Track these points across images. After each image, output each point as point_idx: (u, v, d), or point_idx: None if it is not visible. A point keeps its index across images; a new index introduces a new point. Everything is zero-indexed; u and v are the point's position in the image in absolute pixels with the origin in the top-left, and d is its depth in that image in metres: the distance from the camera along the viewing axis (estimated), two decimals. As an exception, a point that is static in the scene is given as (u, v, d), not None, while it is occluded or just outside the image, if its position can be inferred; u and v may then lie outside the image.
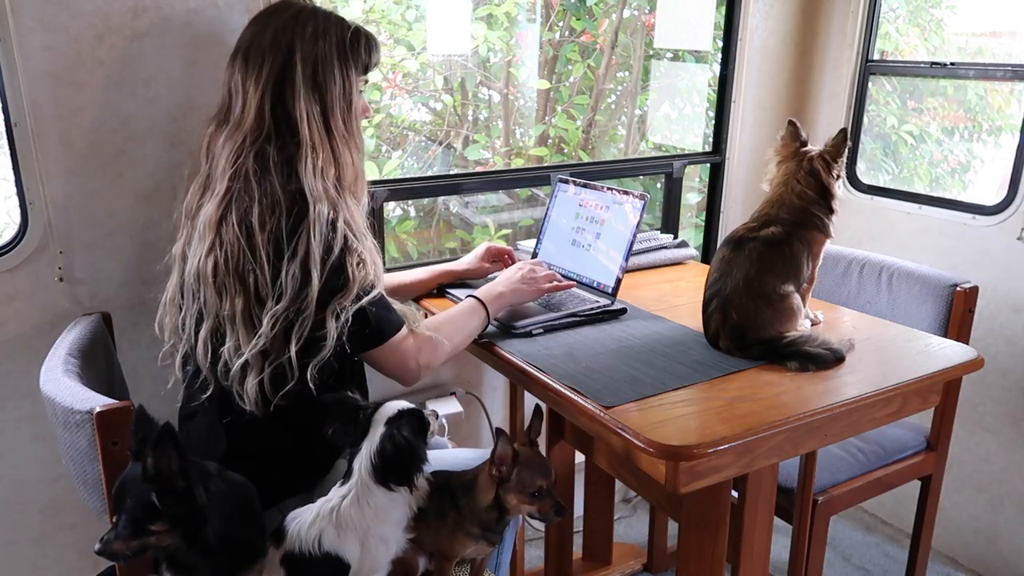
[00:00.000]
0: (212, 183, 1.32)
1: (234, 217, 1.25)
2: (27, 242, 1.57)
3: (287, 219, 1.24)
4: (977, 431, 2.28)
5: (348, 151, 1.35)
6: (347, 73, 1.34)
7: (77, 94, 1.54)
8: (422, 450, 1.20)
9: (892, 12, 2.77)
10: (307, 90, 1.30)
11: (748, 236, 1.53)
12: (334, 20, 1.35)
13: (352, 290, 1.27)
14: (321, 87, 1.31)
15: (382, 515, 1.19)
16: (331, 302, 1.26)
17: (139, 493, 1.06)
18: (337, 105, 1.33)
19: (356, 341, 1.30)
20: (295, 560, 1.16)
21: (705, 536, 1.44)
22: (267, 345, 1.24)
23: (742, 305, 1.48)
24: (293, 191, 1.26)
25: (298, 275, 1.23)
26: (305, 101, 1.30)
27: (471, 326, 1.54)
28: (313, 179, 1.28)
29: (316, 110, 1.31)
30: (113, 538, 1.06)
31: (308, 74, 1.30)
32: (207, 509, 1.10)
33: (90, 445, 1.15)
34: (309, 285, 1.23)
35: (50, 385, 1.24)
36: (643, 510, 2.58)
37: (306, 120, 1.30)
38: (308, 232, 1.24)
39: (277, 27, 1.31)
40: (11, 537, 1.71)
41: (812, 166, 1.55)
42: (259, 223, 1.24)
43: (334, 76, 1.32)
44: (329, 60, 1.32)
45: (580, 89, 3.53)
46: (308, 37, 1.30)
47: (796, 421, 1.26)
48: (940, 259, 2.28)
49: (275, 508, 1.34)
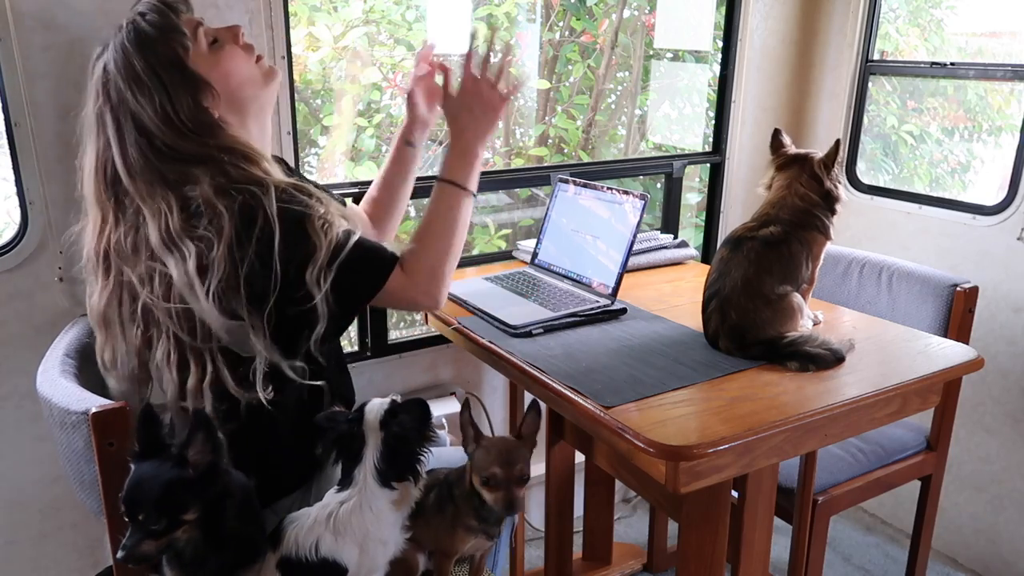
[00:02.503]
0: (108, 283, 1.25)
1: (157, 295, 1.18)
2: (27, 242, 1.57)
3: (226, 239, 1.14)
4: (977, 431, 2.28)
5: (217, 150, 1.20)
6: (148, 92, 1.18)
7: (77, 94, 1.53)
8: (427, 431, 1.19)
9: (892, 12, 2.77)
10: (132, 154, 1.19)
11: (747, 236, 1.53)
12: (121, 49, 1.20)
13: (321, 250, 1.16)
14: (144, 136, 1.19)
15: (382, 518, 1.18)
16: (306, 272, 1.16)
17: (169, 485, 1.05)
18: (169, 129, 1.19)
19: (350, 298, 1.22)
20: (291, 564, 1.15)
21: (705, 536, 1.44)
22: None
23: (741, 305, 1.48)
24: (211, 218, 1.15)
25: (262, 274, 1.14)
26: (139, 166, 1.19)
27: (459, 215, 1.33)
28: (216, 194, 1.15)
29: (154, 157, 1.19)
30: (138, 541, 1.04)
31: (124, 141, 1.19)
32: (231, 496, 1.10)
33: (86, 446, 1.15)
34: (272, 274, 1.14)
35: (46, 386, 1.24)
36: (643, 510, 2.58)
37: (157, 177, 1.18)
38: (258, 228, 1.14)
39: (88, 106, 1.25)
40: (11, 537, 1.71)
41: (814, 170, 1.56)
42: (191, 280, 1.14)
43: (141, 109, 1.18)
44: (126, 103, 1.19)
45: (580, 89, 3.53)
46: (101, 102, 1.21)
47: (796, 421, 1.26)
48: (940, 259, 2.28)
49: (268, 509, 1.33)
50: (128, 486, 1.06)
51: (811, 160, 1.57)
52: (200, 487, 1.08)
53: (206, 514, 1.08)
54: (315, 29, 2.90)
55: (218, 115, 1.25)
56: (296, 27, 2.79)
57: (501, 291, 1.84)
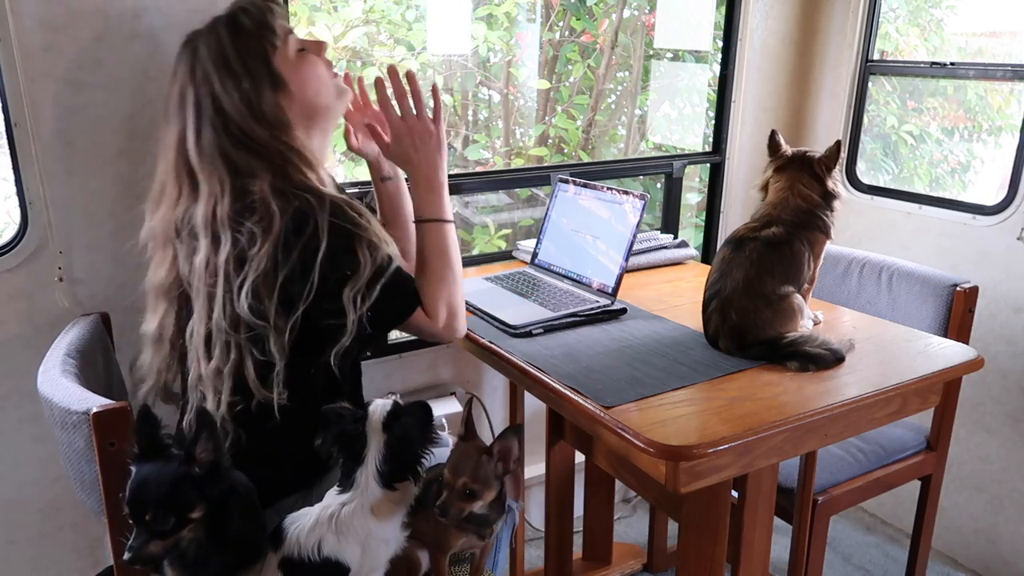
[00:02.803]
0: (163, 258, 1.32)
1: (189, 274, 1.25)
2: (27, 242, 1.57)
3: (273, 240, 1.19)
4: (977, 431, 2.28)
5: (283, 148, 1.27)
6: (237, 79, 1.26)
7: (77, 94, 1.54)
8: (429, 433, 1.19)
9: (892, 12, 2.77)
10: (205, 133, 1.25)
11: (749, 236, 1.53)
12: (206, 36, 1.28)
13: (365, 272, 1.22)
14: (221, 117, 1.25)
15: (384, 517, 1.18)
16: (345, 288, 1.21)
17: (176, 483, 1.05)
18: (247, 117, 1.26)
19: (382, 320, 1.27)
20: (293, 564, 1.15)
21: (705, 536, 1.44)
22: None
23: (741, 306, 1.48)
24: (261, 216, 1.20)
25: (300, 280, 1.20)
26: (209, 145, 1.25)
27: (446, 244, 1.39)
28: (272, 195, 1.21)
29: (226, 140, 1.25)
30: (145, 541, 1.03)
31: (202, 120, 1.25)
32: (236, 493, 1.10)
33: (87, 446, 1.15)
34: (309, 283, 1.20)
35: (47, 386, 1.24)
36: (643, 510, 2.58)
37: (221, 159, 1.24)
38: (306, 235, 1.20)
39: (169, 91, 1.30)
40: (11, 537, 1.71)
41: (815, 170, 1.56)
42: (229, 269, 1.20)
43: (226, 93, 1.25)
44: (212, 85, 1.25)
45: (580, 89, 3.53)
46: (189, 83, 1.26)
47: (796, 421, 1.26)
48: (940, 259, 2.28)
49: (271, 509, 1.33)
50: (132, 487, 1.05)
51: (812, 160, 1.57)
52: (206, 485, 1.08)
53: (211, 513, 1.08)
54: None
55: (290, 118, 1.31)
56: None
57: (501, 291, 1.84)
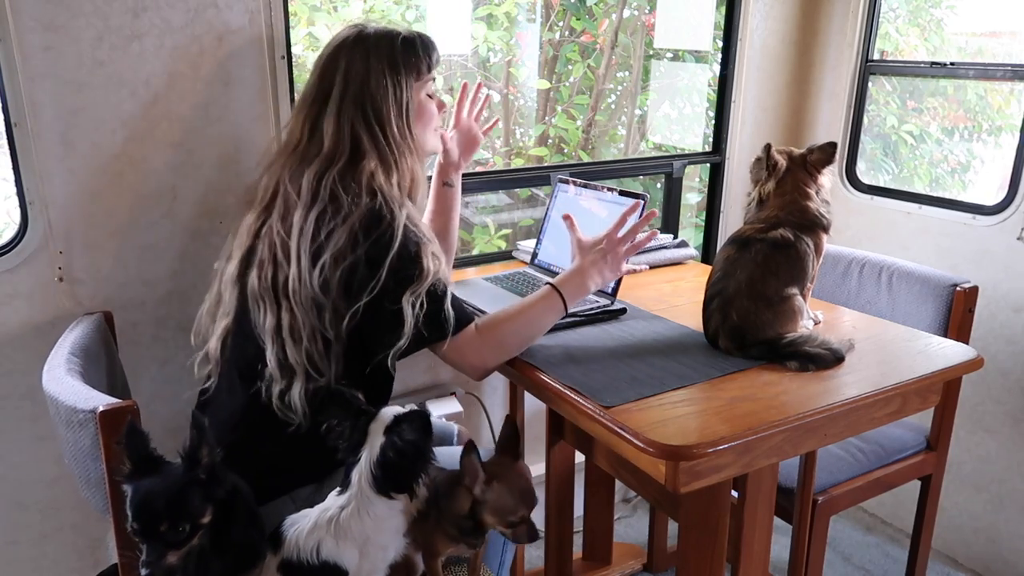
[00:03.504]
0: (261, 201, 1.39)
1: (281, 224, 1.32)
2: (27, 242, 1.57)
3: (355, 221, 1.28)
4: (977, 431, 2.28)
5: (405, 156, 1.39)
6: (398, 80, 1.38)
7: (77, 94, 1.54)
8: (427, 453, 1.17)
9: (892, 12, 2.77)
10: (351, 107, 1.35)
11: (756, 237, 1.51)
12: (385, 35, 1.40)
13: (426, 280, 1.30)
14: (370, 100, 1.36)
15: (381, 524, 1.18)
16: (407, 291, 1.28)
17: (186, 490, 1.05)
18: (391, 110, 1.37)
19: (435, 328, 1.33)
20: (292, 567, 1.15)
21: (705, 536, 1.44)
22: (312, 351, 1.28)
23: (742, 306, 1.48)
24: (355, 195, 1.30)
25: (360, 275, 1.27)
26: (347, 117, 1.35)
27: (545, 320, 1.46)
28: (374, 183, 1.32)
29: (365, 118, 1.35)
30: (160, 554, 1.03)
31: (352, 92, 1.36)
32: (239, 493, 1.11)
33: (93, 444, 1.15)
34: (372, 283, 1.27)
35: (53, 384, 1.24)
36: (643, 510, 2.58)
37: (350, 133, 1.35)
38: (380, 230, 1.28)
39: (327, 58, 1.39)
40: (11, 537, 1.72)
41: (808, 169, 1.56)
42: (308, 228, 1.29)
43: (384, 87, 1.37)
44: (377, 73, 1.36)
45: (580, 89, 3.53)
46: (356, 59, 1.37)
47: (796, 421, 1.26)
48: (940, 259, 2.28)
49: (287, 496, 1.33)
50: (138, 503, 1.04)
51: (808, 160, 1.56)
52: (211, 488, 1.08)
53: (216, 517, 1.08)
54: (315, 29, 2.90)
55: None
56: (296, 27, 2.79)
57: (501, 291, 1.84)
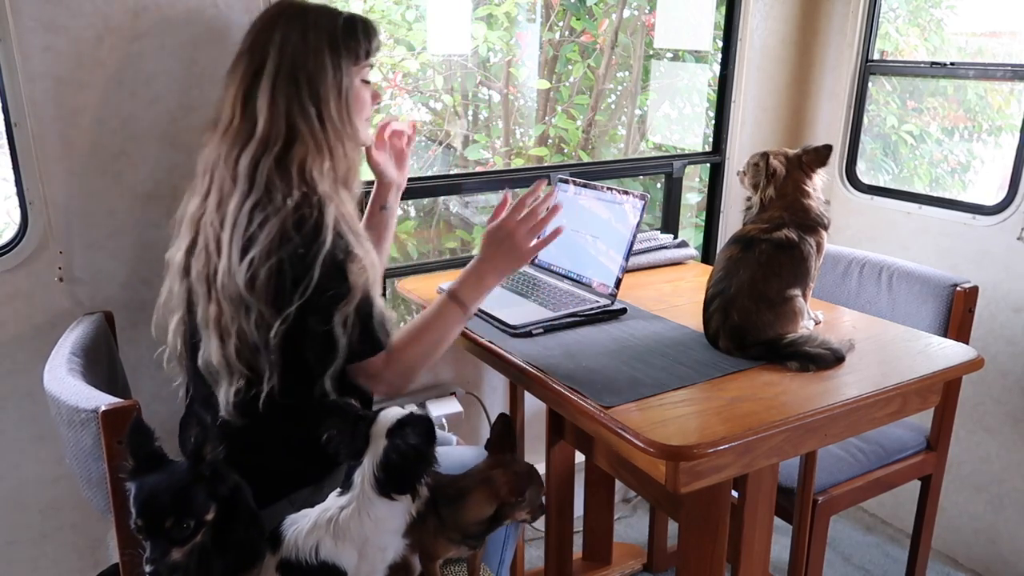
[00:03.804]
0: (201, 187, 1.33)
1: (216, 213, 1.26)
2: (27, 242, 1.57)
3: (286, 216, 1.22)
4: (977, 431, 2.28)
5: (341, 142, 1.33)
6: (338, 62, 1.32)
7: (77, 94, 1.54)
8: (429, 456, 1.17)
9: (892, 12, 2.77)
10: (286, 84, 1.28)
11: (760, 237, 1.51)
12: (326, 12, 1.34)
13: (355, 297, 1.25)
14: (307, 80, 1.29)
15: (382, 525, 1.17)
16: (336, 310, 1.23)
17: (191, 486, 1.05)
18: (329, 94, 1.31)
19: (353, 350, 1.28)
20: (291, 567, 1.15)
21: (705, 536, 1.44)
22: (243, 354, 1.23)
23: (744, 307, 1.47)
24: (289, 187, 1.25)
25: (288, 279, 1.21)
26: (283, 96, 1.28)
27: (446, 330, 1.39)
28: (308, 173, 1.27)
29: (301, 100, 1.29)
30: (165, 551, 1.03)
31: (286, 68, 1.29)
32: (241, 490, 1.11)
33: (95, 444, 1.15)
34: (300, 289, 1.21)
35: (55, 384, 1.24)
36: (643, 510, 2.58)
37: (285, 114, 1.28)
38: (309, 230, 1.22)
39: (260, 28, 1.33)
40: (11, 537, 1.71)
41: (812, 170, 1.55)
42: (241, 219, 1.23)
43: (324, 67, 1.30)
44: (317, 52, 1.30)
45: (580, 89, 3.53)
46: (293, 33, 1.30)
47: (796, 421, 1.26)
48: (940, 259, 2.28)
49: (285, 500, 1.33)
50: (142, 500, 1.04)
51: (803, 160, 1.56)
52: (214, 485, 1.08)
53: (218, 514, 1.08)
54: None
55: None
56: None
57: (501, 291, 1.84)
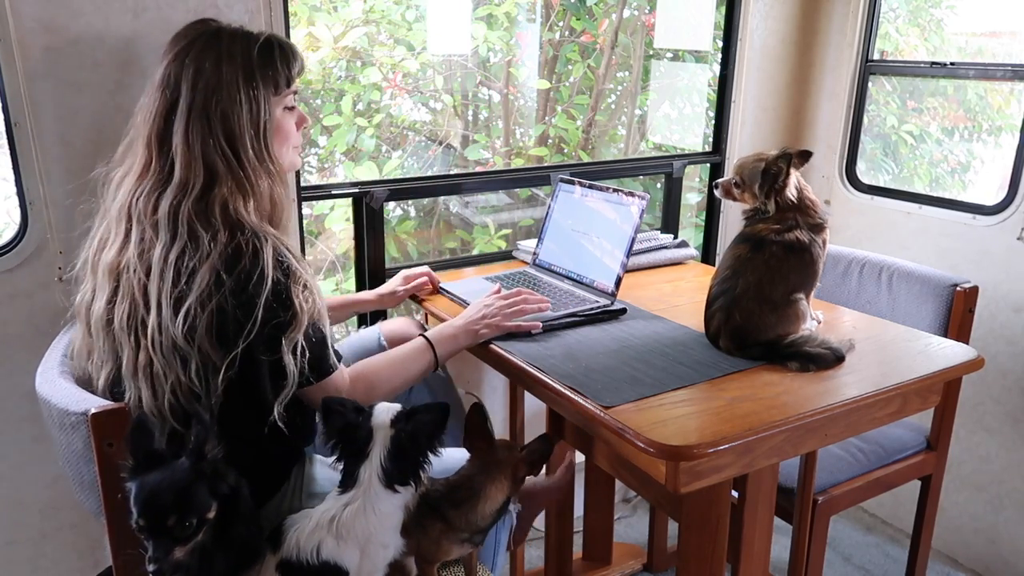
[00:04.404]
0: (117, 233, 1.26)
1: (139, 262, 1.21)
2: (27, 242, 1.57)
3: (216, 258, 1.18)
4: (977, 431, 2.28)
5: (263, 178, 1.27)
6: (254, 95, 1.25)
7: (77, 94, 1.54)
8: (439, 435, 1.19)
9: (892, 12, 2.77)
10: (199, 123, 1.22)
11: (771, 238, 1.49)
12: (240, 39, 1.27)
13: (301, 323, 1.22)
14: (221, 117, 1.23)
15: (385, 521, 1.18)
16: (283, 339, 1.21)
17: (193, 484, 1.05)
18: (245, 132, 1.25)
19: (304, 376, 1.25)
20: (291, 567, 1.15)
21: (705, 536, 1.44)
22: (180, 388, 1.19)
23: (747, 308, 1.47)
24: (214, 230, 1.19)
25: (231, 320, 1.18)
26: (198, 136, 1.22)
27: (414, 369, 1.45)
28: (233, 214, 1.21)
29: (217, 140, 1.23)
30: (168, 549, 1.02)
31: (199, 106, 1.22)
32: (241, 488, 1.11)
33: (86, 447, 1.14)
34: (246, 329, 1.18)
35: (46, 386, 1.24)
36: (643, 510, 2.58)
37: (201, 155, 1.22)
38: (246, 268, 1.18)
39: (172, 59, 1.25)
40: (11, 537, 1.72)
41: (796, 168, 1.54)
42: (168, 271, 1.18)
43: (237, 102, 1.23)
44: (229, 86, 1.23)
45: (580, 89, 3.53)
46: (205, 65, 1.23)
47: (796, 421, 1.26)
48: (940, 259, 2.28)
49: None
50: (143, 498, 1.04)
51: (793, 160, 1.53)
52: (215, 483, 1.08)
53: (219, 513, 1.08)
54: (315, 29, 2.91)
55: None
56: (296, 27, 2.79)
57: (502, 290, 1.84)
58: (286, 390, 1.23)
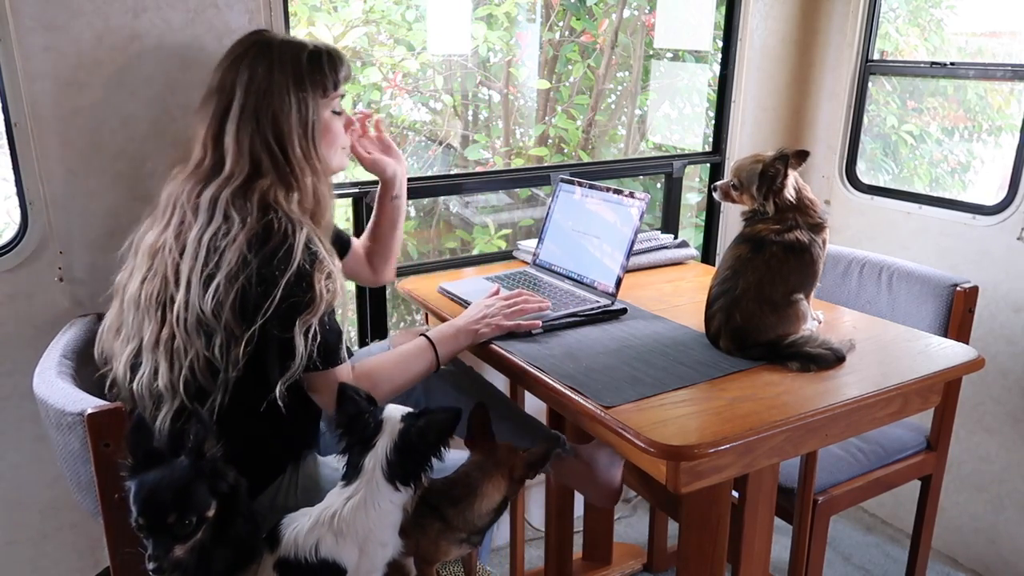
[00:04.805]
0: (162, 219, 1.32)
1: (175, 243, 1.27)
2: (27, 242, 1.57)
3: (244, 237, 1.23)
4: (977, 431, 2.28)
5: (308, 175, 1.34)
6: (303, 97, 1.32)
7: (77, 94, 1.54)
8: (445, 438, 1.19)
9: (892, 12, 2.77)
10: (250, 122, 1.29)
11: (771, 239, 1.49)
12: (291, 47, 1.34)
13: (319, 308, 1.25)
14: (271, 117, 1.30)
15: (385, 519, 1.17)
16: (297, 319, 1.24)
17: (193, 482, 1.05)
18: (294, 130, 1.31)
19: (313, 361, 1.28)
20: (289, 566, 1.14)
21: (705, 536, 1.44)
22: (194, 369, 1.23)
23: (748, 309, 1.47)
24: (245, 212, 1.25)
25: (252, 297, 1.22)
26: (247, 134, 1.29)
27: (416, 368, 1.46)
28: (268, 198, 1.27)
29: (265, 138, 1.30)
30: (168, 547, 1.02)
31: (251, 107, 1.30)
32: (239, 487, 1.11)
33: (82, 447, 1.14)
34: (271, 299, 1.21)
35: (43, 387, 1.24)
36: (643, 510, 2.58)
37: (249, 151, 1.29)
38: (272, 246, 1.22)
39: (227, 66, 1.34)
40: (11, 537, 1.71)
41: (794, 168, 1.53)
42: (200, 250, 1.23)
43: (287, 103, 1.31)
44: (280, 89, 1.31)
45: (580, 89, 3.53)
46: (258, 71, 1.31)
47: (796, 421, 1.26)
48: (940, 259, 2.28)
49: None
50: (143, 497, 1.04)
51: (790, 160, 1.53)
52: (215, 482, 1.08)
53: (218, 511, 1.08)
54: (315, 29, 2.90)
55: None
56: (296, 27, 2.79)
57: (501, 291, 1.84)
58: (292, 370, 1.25)
